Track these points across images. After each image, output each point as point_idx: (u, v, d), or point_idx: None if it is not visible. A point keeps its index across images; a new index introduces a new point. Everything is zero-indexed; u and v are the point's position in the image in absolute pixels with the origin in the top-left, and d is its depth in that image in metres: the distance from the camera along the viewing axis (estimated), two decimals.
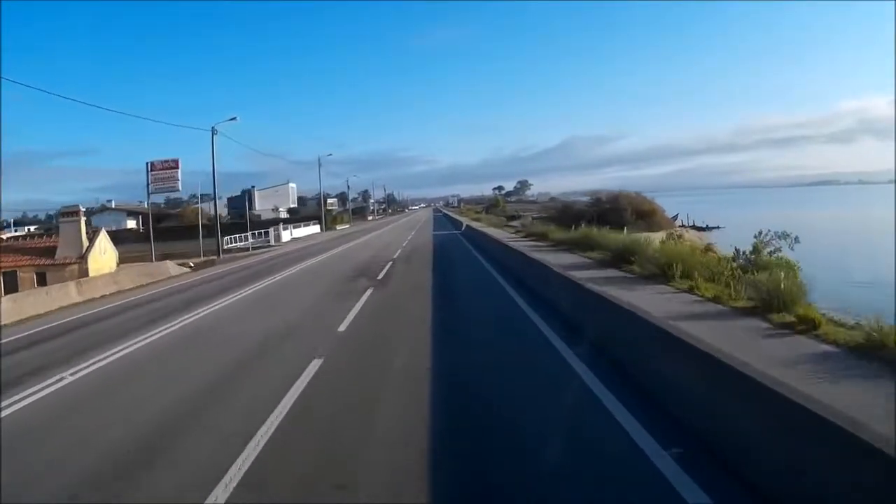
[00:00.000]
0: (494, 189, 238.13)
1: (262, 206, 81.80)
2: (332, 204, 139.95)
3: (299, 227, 48.47)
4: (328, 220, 60.38)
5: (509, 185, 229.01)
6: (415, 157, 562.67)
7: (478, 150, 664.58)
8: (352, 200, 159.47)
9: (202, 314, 11.15)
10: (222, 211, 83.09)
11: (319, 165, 54.39)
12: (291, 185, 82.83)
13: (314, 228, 52.47)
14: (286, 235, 43.28)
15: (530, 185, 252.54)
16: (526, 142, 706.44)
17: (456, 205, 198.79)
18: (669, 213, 49.67)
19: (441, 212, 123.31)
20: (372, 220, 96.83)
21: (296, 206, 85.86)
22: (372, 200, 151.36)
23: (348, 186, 78.92)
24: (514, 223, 66.14)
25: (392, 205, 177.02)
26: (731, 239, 16.75)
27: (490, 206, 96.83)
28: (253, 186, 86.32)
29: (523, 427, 4.49)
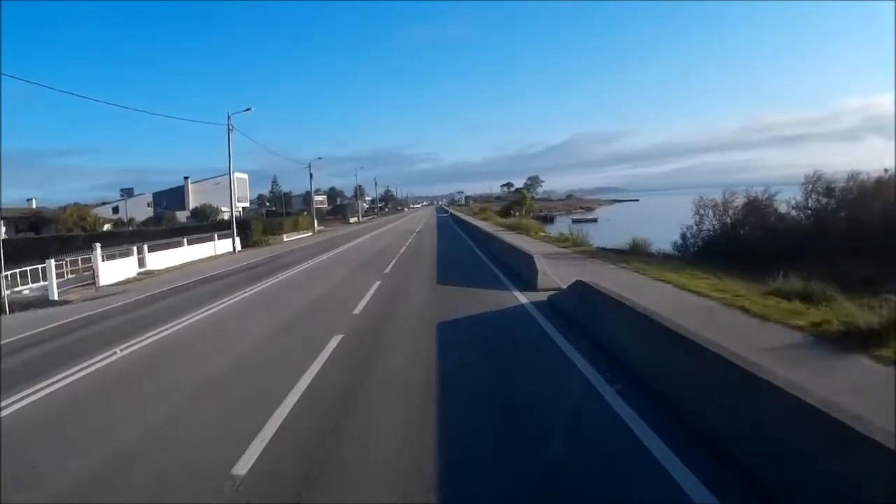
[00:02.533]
0: (503, 185, 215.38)
1: (200, 202, 58.07)
2: (320, 202, 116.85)
3: (180, 245, 24.60)
4: (264, 230, 36.43)
5: (518, 182, 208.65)
6: (418, 155, 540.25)
7: (482, 148, 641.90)
8: (346, 198, 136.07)
9: None
10: (137, 213, 59.46)
11: (229, 130, 30.17)
12: (239, 175, 58.71)
13: (223, 245, 28.57)
14: (117, 271, 19.35)
15: (542, 181, 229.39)
16: (531, 139, 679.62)
17: (462, 202, 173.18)
18: None
19: (446, 211, 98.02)
20: (356, 222, 72.69)
21: (247, 203, 62.03)
22: (368, 198, 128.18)
23: (311, 175, 53.66)
24: (553, 233, 42.55)
25: (390, 202, 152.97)
26: None
27: (512, 204, 72.29)
28: (186, 178, 62.69)
29: None
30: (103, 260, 18.81)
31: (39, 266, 18.08)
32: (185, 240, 24.89)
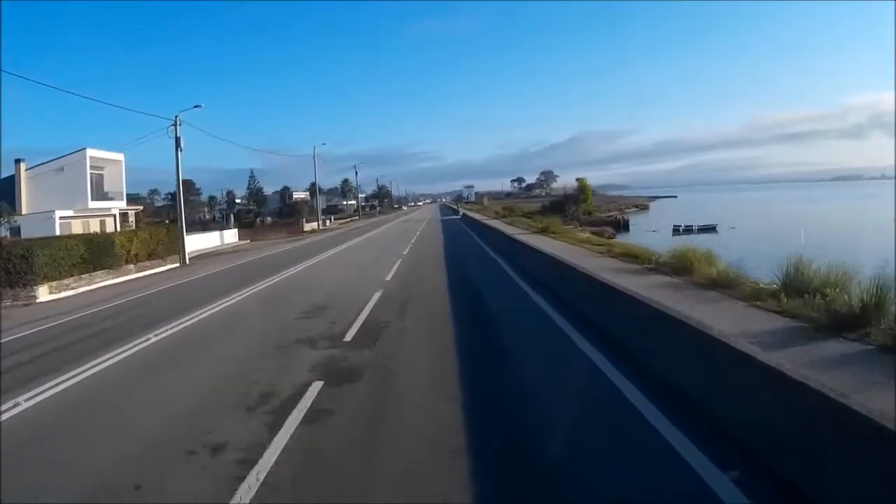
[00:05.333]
0: (513, 181, 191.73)
1: (36, 196, 33.73)
2: (302, 199, 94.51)
3: None
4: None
5: (530, 178, 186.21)
6: (420, 154, 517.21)
7: (484, 146, 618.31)
8: (339, 194, 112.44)
9: None
10: None
11: None
12: (105, 154, 34.08)
13: None
14: None
15: (556, 176, 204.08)
16: (534, 137, 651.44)
17: (472, 199, 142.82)
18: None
19: (455, 211, 69.79)
20: (314, 231, 47.54)
21: (124, 203, 37.63)
22: (362, 196, 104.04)
23: (177, 144, 27.19)
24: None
25: (384, 200, 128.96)
26: None
27: (566, 199, 46.88)
28: (19, 160, 37.41)
29: None
30: None
31: None
32: None
